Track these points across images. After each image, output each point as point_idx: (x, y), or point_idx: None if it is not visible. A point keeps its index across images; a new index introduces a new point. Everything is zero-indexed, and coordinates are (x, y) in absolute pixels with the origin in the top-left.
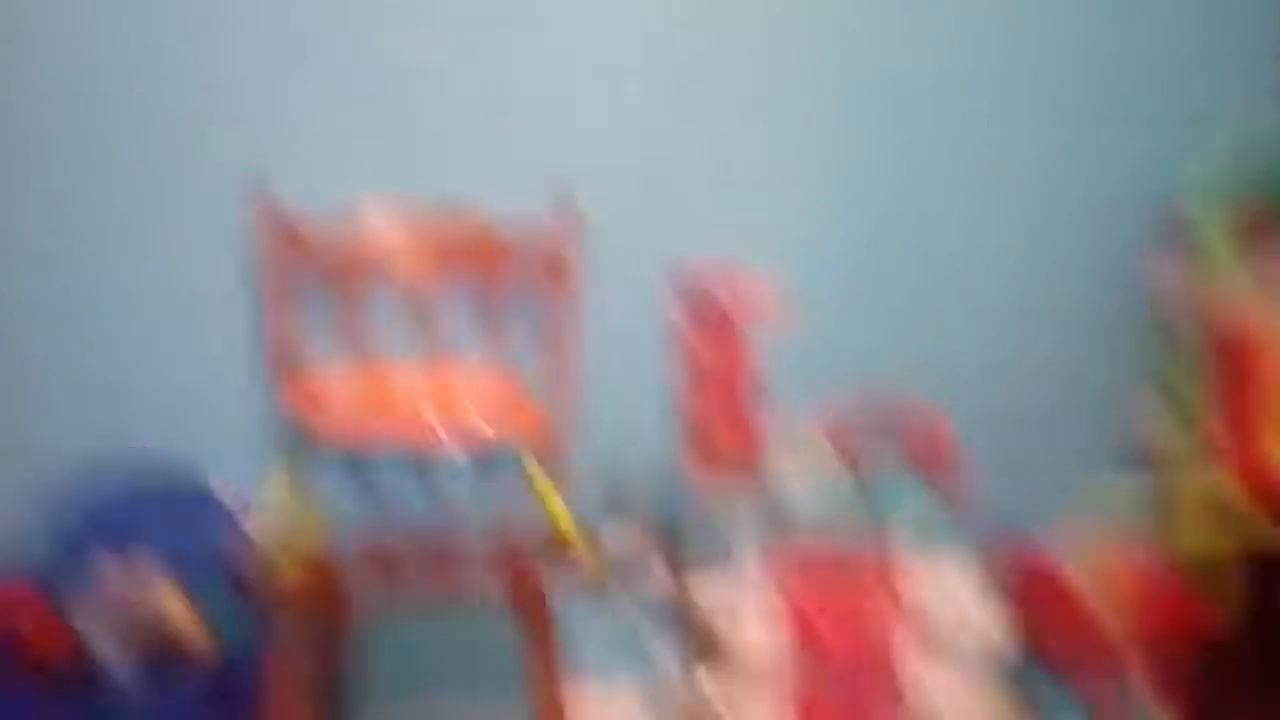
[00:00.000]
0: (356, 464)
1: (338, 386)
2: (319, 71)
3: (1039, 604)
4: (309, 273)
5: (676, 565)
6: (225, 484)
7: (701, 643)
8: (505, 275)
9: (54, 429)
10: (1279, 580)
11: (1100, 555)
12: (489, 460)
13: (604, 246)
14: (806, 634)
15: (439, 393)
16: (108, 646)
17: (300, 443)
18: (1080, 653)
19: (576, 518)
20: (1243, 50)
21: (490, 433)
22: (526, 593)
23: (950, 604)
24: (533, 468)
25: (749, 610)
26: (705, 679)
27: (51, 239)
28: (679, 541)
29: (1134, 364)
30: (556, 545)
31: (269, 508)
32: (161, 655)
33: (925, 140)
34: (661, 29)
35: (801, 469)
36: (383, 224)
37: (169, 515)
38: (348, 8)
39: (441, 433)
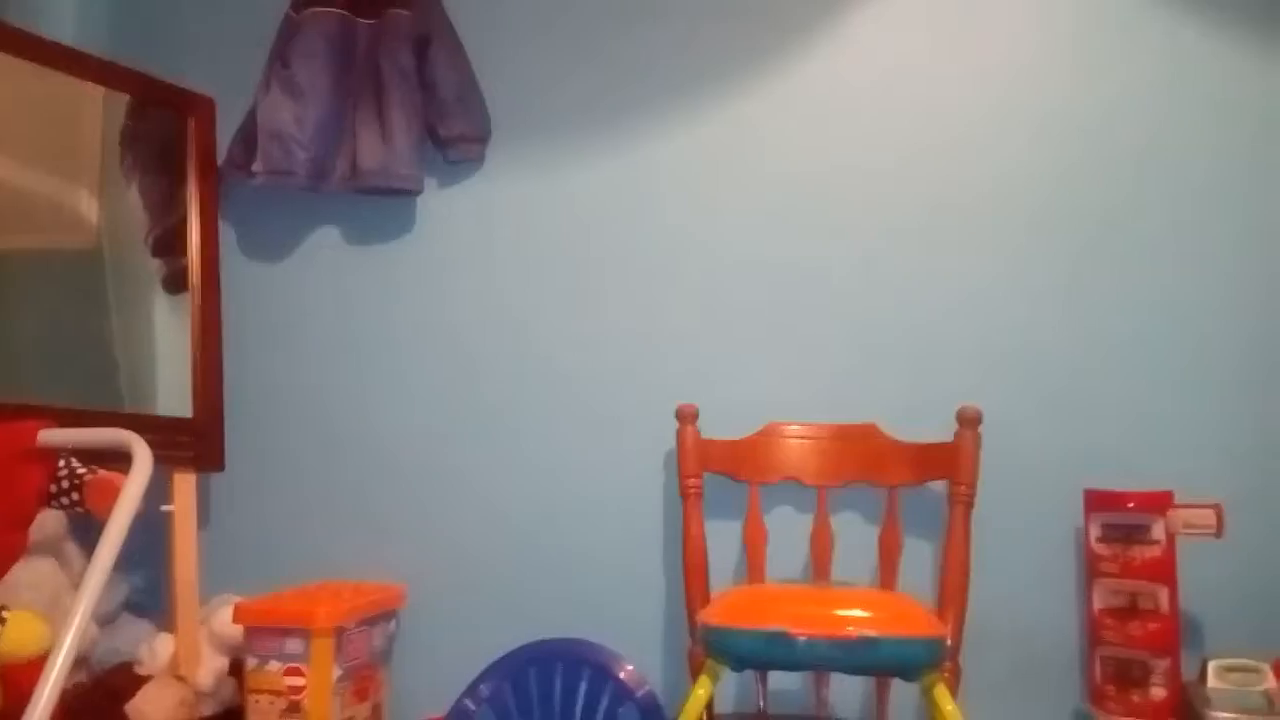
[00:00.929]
0: (754, 663)
1: (740, 594)
2: (736, 311)
3: None
4: (725, 488)
5: None
6: (635, 671)
7: None
8: (904, 489)
9: (507, 615)
10: None
11: None
12: (881, 668)
13: (1009, 466)
14: None
15: (834, 601)
16: None
17: (704, 642)
18: None
19: None
20: None
21: (876, 629)
22: None
23: None
24: (929, 680)
25: None
26: None
27: (517, 466)
28: None
29: None
30: None
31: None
32: None
33: None
34: (1073, 254)
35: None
36: (793, 436)
37: (585, 688)
38: (759, 264)
39: (827, 628)
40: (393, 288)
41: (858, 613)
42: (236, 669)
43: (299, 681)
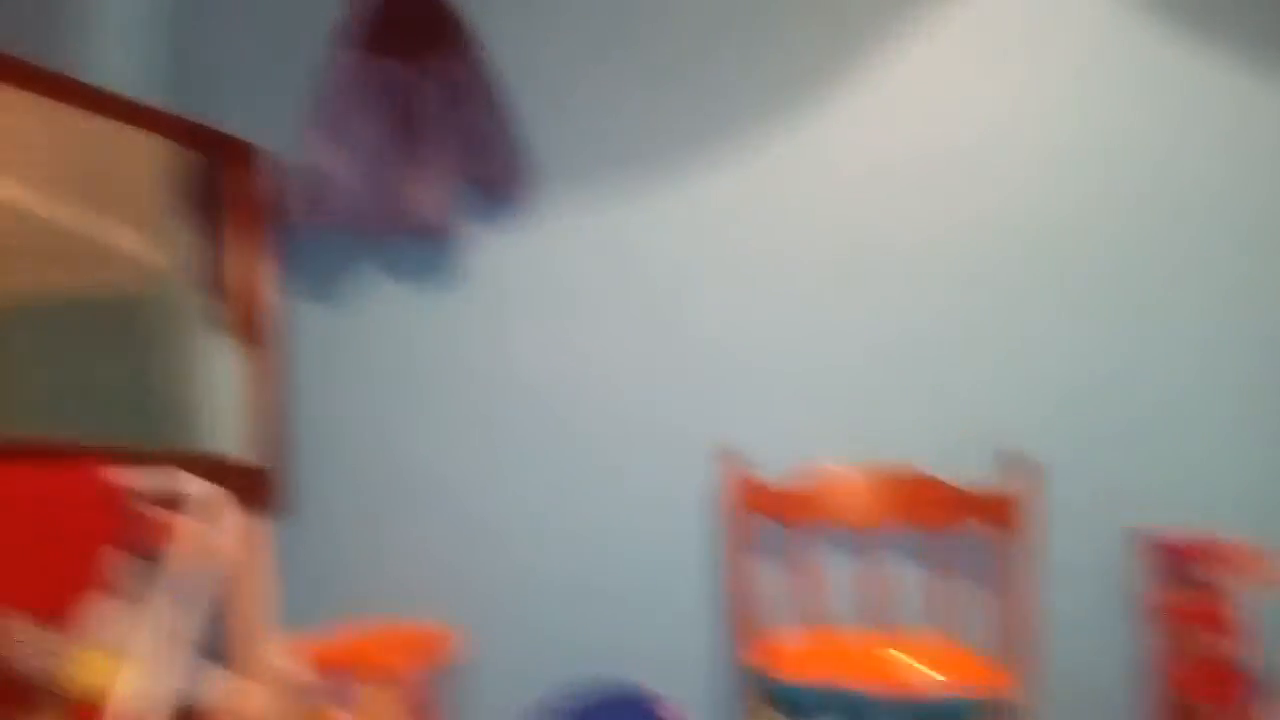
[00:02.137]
0: (807, 710)
1: (792, 640)
2: (780, 351)
3: None
4: (769, 529)
5: None
6: (678, 710)
7: None
8: (956, 532)
9: (552, 656)
10: None
11: None
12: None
13: (1063, 511)
14: None
15: (888, 648)
16: None
17: (756, 690)
18: None
19: None
20: None
21: (940, 687)
22: None
23: None
24: None
25: None
26: None
27: (566, 507)
28: None
29: None
30: None
31: None
32: None
33: None
34: (1114, 304)
35: None
36: (838, 478)
37: None
38: (801, 303)
39: (892, 685)
40: (442, 331)
41: (933, 673)
42: (298, 711)
43: None
